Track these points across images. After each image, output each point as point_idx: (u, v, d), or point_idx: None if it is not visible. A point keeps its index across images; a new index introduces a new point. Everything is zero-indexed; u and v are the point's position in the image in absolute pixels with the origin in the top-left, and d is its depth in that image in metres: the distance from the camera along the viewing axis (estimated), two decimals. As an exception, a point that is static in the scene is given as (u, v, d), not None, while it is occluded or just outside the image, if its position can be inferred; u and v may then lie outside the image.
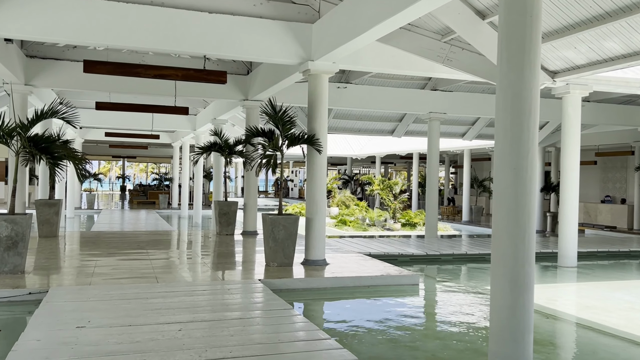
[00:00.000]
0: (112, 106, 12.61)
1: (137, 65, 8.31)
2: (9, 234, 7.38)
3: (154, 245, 11.04)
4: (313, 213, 8.95)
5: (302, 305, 7.34)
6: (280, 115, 8.63)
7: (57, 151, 7.68)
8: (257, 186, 13.58)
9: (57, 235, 12.19)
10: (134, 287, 6.84)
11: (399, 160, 40.16)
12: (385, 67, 9.65)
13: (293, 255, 8.74)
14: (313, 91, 9.03)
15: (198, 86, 12.94)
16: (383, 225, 19.73)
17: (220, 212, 13.18)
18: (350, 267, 8.89)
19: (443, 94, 14.78)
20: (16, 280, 7.09)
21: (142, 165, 61.70)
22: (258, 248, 11.19)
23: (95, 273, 7.81)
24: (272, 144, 8.67)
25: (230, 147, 13.13)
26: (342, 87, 13.85)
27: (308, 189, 9.08)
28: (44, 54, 11.99)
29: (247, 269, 8.79)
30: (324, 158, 9.02)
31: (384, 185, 21.69)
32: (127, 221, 20.51)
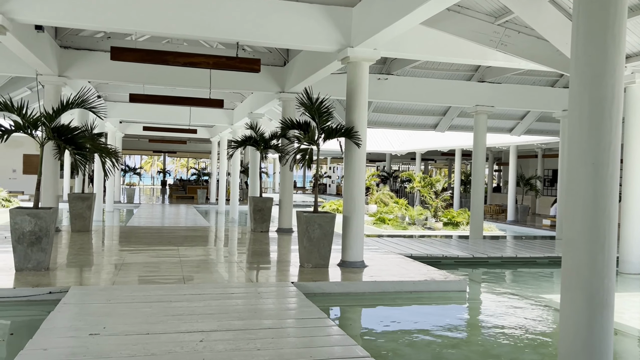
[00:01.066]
0: (146, 98, 12.29)
1: (166, 53, 7.86)
2: (33, 229, 7.04)
3: (187, 242, 10.65)
4: (351, 211, 8.34)
5: (338, 312, 6.75)
6: (316, 106, 8.04)
7: (82, 142, 7.30)
8: (292, 182, 13.06)
9: (90, 229, 11.96)
10: (159, 289, 6.39)
11: (439, 157, 39.10)
12: (430, 54, 8.93)
13: (329, 256, 8.15)
14: (352, 80, 8.40)
15: (233, 78, 12.51)
16: (424, 224, 18.93)
17: (255, 209, 12.71)
18: (390, 270, 8.24)
19: (491, 85, 13.90)
20: (39, 277, 6.75)
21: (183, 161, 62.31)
22: (293, 247, 10.65)
23: (121, 271, 7.41)
24: (308, 137, 8.09)
25: (265, 141, 12.64)
26: (383, 78, 13.17)
27: (345, 186, 8.47)
28: (77, 44, 11.75)
29: (280, 269, 8.25)
30: (363, 152, 8.38)
31: (425, 183, 20.86)
32: (164, 216, 20.37)
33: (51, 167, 11.35)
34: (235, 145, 13.18)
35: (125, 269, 7.61)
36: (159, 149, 42.24)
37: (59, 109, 7.44)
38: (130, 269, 7.60)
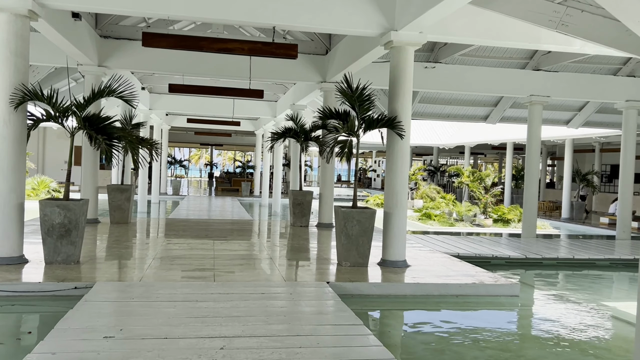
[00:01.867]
0: (185, 88, 12.07)
1: (201, 38, 7.51)
2: (62, 221, 6.85)
3: (224, 236, 10.35)
4: (392, 207, 7.79)
5: (376, 316, 6.23)
6: (357, 94, 7.51)
7: (113, 132, 7.04)
8: (333, 175, 12.58)
9: (129, 221, 11.86)
10: (186, 286, 6.05)
11: (489, 150, 37.78)
12: (481, 38, 8.23)
13: (368, 255, 7.64)
14: (396, 66, 7.83)
15: (273, 67, 12.12)
16: (472, 220, 18.11)
17: (294, 202, 12.32)
18: (435, 270, 7.66)
19: (547, 74, 12.98)
20: (67, 271, 6.54)
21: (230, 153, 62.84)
22: (333, 243, 10.18)
23: (151, 266, 7.14)
24: (347, 127, 7.58)
25: (306, 133, 12.22)
26: (430, 67, 12.48)
27: (387, 180, 7.93)
28: (117, 34, 11.62)
29: (317, 268, 7.80)
30: (406, 144, 7.81)
31: (474, 177, 19.98)
32: (206, 208, 20.31)
33: (90, 157, 11.30)
34: (275, 137, 12.81)
35: (156, 263, 7.34)
36: (205, 142, 42.64)
37: (90, 98, 7.21)
38: (162, 264, 7.33)
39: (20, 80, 6.85)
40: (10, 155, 6.82)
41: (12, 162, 6.84)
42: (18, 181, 6.91)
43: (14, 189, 6.86)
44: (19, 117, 6.88)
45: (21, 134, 6.93)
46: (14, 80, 6.78)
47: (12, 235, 6.86)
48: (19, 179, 6.92)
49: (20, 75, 6.84)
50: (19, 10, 6.80)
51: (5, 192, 6.81)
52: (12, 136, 6.83)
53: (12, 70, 6.80)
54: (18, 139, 6.89)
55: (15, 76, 6.81)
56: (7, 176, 6.81)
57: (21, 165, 6.95)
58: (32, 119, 7.06)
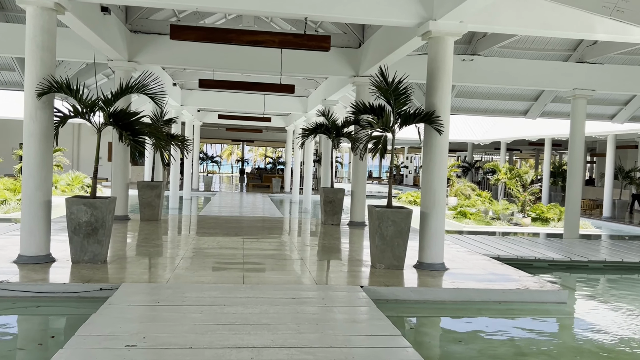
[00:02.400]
0: (215, 84, 11.86)
1: (230, 31, 7.24)
2: (89, 220, 6.68)
3: (254, 233, 10.11)
4: (430, 206, 7.39)
5: (413, 324, 5.86)
6: (392, 88, 7.13)
7: (140, 128, 6.82)
8: (365, 172, 12.21)
9: (159, 218, 11.73)
10: (214, 289, 5.79)
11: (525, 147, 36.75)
12: (526, 27, 7.72)
13: (404, 257, 7.26)
14: (434, 58, 7.41)
15: (304, 61, 11.81)
16: (509, 219, 17.48)
17: (325, 200, 12.00)
18: (475, 274, 7.23)
19: (591, 66, 12.31)
20: (93, 271, 6.36)
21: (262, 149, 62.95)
22: (365, 242, 9.83)
23: (179, 266, 6.92)
24: (382, 122, 7.20)
25: (337, 129, 11.87)
26: (468, 59, 11.97)
27: (424, 178, 7.52)
28: (148, 28, 11.47)
29: (350, 269, 7.45)
30: (445, 140, 7.39)
31: (512, 174, 19.28)
32: (237, 205, 20.19)
33: (120, 154, 11.18)
34: (306, 133, 12.50)
35: (185, 263, 7.12)
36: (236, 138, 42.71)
37: (117, 93, 7.02)
38: (190, 264, 7.10)
39: (47, 75, 6.69)
40: (37, 152, 6.69)
41: (39, 159, 6.70)
42: (44, 179, 6.77)
43: (40, 186, 6.72)
44: (45, 114, 6.74)
45: (48, 130, 6.78)
46: (40, 74, 6.64)
47: (39, 233, 6.73)
48: (45, 177, 6.78)
49: (46, 70, 6.69)
50: (45, 3, 6.65)
51: (31, 190, 6.68)
52: (39, 133, 6.69)
53: (38, 65, 6.65)
54: (45, 135, 6.74)
55: (42, 70, 6.66)
56: (33, 173, 6.68)
57: (48, 163, 6.80)
58: (58, 116, 6.90)
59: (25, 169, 6.70)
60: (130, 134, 6.74)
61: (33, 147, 6.67)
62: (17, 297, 5.60)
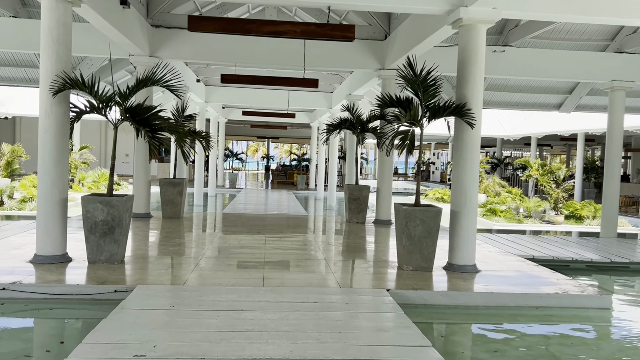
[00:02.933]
0: (237, 78, 11.59)
1: (249, 21, 6.94)
2: (105, 218, 6.47)
3: (277, 232, 9.82)
4: (461, 205, 6.98)
5: (445, 333, 5.48)
6: (421, 79, 6.73)
7: (158, 124, 6.58)
8: (392, 169, 11.81)
9: (181, 216, 11.54)
10: (232, 291, 5.51)
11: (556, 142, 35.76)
12: (565, 14, 7.22)
13: (433, 258, 6.87)
14: (465, 47, 6.98)
15: (328, 55, 11.47)
16: (541, 217, 16.86)
17: (350, 197, 11.64)
18: (509, 276, 6.80)
19: (631, 57, 11.66)
20: (109, 272, 6.15)
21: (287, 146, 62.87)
22: (391, 241, 9.46)
23: (197, 266, 6.67)
24: (409, 116, 6.81)
25: (362, 124, 11.50)
26: (500, 50, 11.45)
27: (455, 174, 7.11)
28: (169, 23, 11.26)
29: (375, 271, 7.08)
30: (477, 134, 6.97)
31: (544, 170, 18.60)
32: (262, 202, 19.99)
33: (141, 150, 11.01)
34: (330, 129, 12.16)
35: (204, 263, 6.87)
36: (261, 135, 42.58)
37: (134, 87, 6.79)
38: (209, 264, 6.85)
39: (62, 69, 6.49)
40: (52, 148, 6.50)
41: (54, 155, 6.51)
42: (60, 175, 6.58)
43: (56, 183, 6.53)
44: (61, 109, 6.54)
45: (63, 126, 6.58)
46: (56, 69, 6.44)
47: (55, 232, 6.55)
48: (61, 173, 6.59)
49: (62, 64, 6.49)
50: (60, -6, 6.44)
51: (47, 187, 6.50)
52: (54, 128, 6.49)
53: (53, 59, 6.45)
54: (60, 131, 6.55)
55: (57, 65, 6.46)
56: (49, 170, 6.49)
57: (63, 159, 6.61)
58: (74, 111, 6.70)
59: (41, 165, 6.52)
60: (149, 130, 6.49)
61: (48, 143, 6.48)
62: (30, 298, 5.40)
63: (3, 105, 23.25)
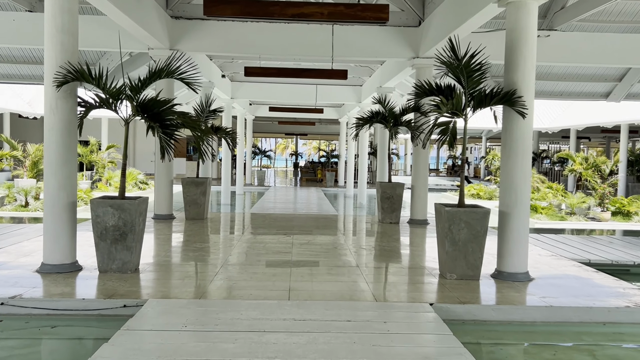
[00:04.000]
0: (261, 71, 10.98)
1: (271, 3, 6.27)
2: (116, 223, 5.91)
3: (305, 233, 9.15)
4: (511, 205, 6.18)
5: (499, 355, 4.72)
6: (464, 63, 5.96)
7: (171, 119, 5.97)
8: (427, 165, 11.02)
9: (205, 217, 10.99)
10: (253, 307, 4.86)
11: (595, 134, 34.25)
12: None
13: (480, 265, 6.11)
14: (514, 27, 6.17)
15: (358, 43, 10.74)
16: (586, 214, 15.80)
17: (382, 196, 10.89)
18: (567, 285, 5.99)
19: (689, 39, 10.63)
20: (120, 283, 5.58)
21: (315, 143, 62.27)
22: (429, 244, 8.71)
23: (217, 275, 6.05)
24: (451, 105, 6.05)
25: (395, 117, 10.74)
26: (544, 35, 10.54)
27: (504, 171, 6.32)
28: (189, 14, 10.70)
29: (414, 280, 6.33)
30: (529, 125, 6.17)
31: (588, 164, 17.52)
32: (290, 200, 19.39)
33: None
34: (360, 123, 11.42)
35: (224, 272, 6.25)
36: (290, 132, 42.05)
37: (146, 79, 6.21)
38: (231, 272, 6.23)
39: (68, 60, 5.94)
40: (59, 148, 5.96)
41: (61, 155, 5.97)
42: (69, 177, 6.04)
43: (63, 186, 5.99)
44: (68, 104, 6.00)
45: (71, 123, 6.03)
46: (60, 60, 5.89)
47: (63, 239, 6.02)
48: (69, 175, 6.05)
49: (67, 55, 5.94)
50: (64, -21, 5.89)
51: (54, 190, 5.96)
52: (60, 125, 5.95)
53: (58, 50, 5.91)
54: (67, 128, 6.00)
55: (62, 56, 5.91)
56: (55, 172, 5.96)
57: (72, 159, 6.07)
58: (83, 106, 6.15)
59: (47, 166, 5.99)
60: (160, 125, 5.89)
61: (54, 141, 5.94)
62: (31, 314, 4.87)
63: (31, 105, 23.19)
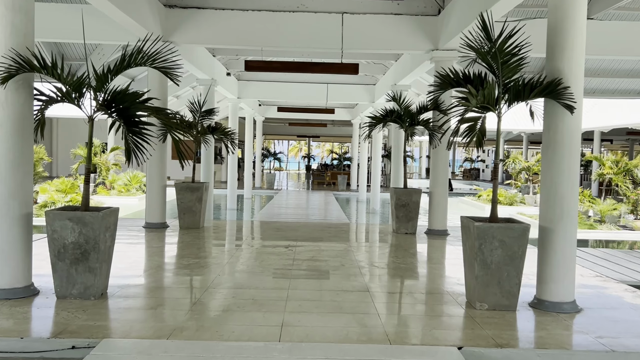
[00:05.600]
0: (264, 65, 9.97)
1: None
2: (76, 240, 4.91)
3: (309, 247, 8.09)
4: (555, 220, 5.07)
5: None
6: (499, 45, 4.87)
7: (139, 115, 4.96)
8: (447, 168, 9.92)
9: (200, 226, 9.97)
10: (235, 352, 3.81)
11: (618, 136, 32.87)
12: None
13: (517, 293, 5.01)
14: (558, 5, 5.07)
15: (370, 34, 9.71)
16: (617, 221, 14.58)
17: (397, 203, 9.80)
18: (625, 319, 4.87)
19: None
20: (77, 313, 4.57)
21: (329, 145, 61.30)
22: (451, 260, 7.62)
23: (196, 305, 5.02)
24: (482, 97, 4.96)
25: (411, 116, 9.66)
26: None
27: (545, 178, 5.21)
28: (185, 2, 9.75)
29: (436, 311, 5.20)
30: (577, 122, 5.06)
31: (618, 169, 16.25)
32: (298, 205, 18.39)
33: (157, 150, 9.51)
34: (373, 122, 10.33)
35: (206, 299, 5.22)
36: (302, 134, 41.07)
37: (116, 67, 5.20)
38: (213, 300, 5.19)
39: (24, 44, 4.96)
40: (9, 149, 4.95)
41: (12, 157, 4.97)
42: (21, 184, 5.04)
43: (14, 194, 4.99)
44: (20, 97, 5.00)
45: (24, 119, 5.03)
46: (11, 44, 4.90)
47: (15, 258, 5.01)
48: (22, 181, 5.05)
49: (19, 38, 4.94)
50: (14, -54, 4.91)
51: (3, 198, 4.97)
52: (10, 122, 4.95)
53: (8, 32, 4.91)
54: (20, 126, 5.00)
55: (13, 39, 4.92)
56: (5, 177, 4.96)
57: (26, 162, 5.07)
58: (40, 99, 5.15)
59: (-5, 172, 4.99)
60: (127, 123, 4.87)
61: (4, 141, 4.95)
62: (-44, 358, 3.88)
63: None
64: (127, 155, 4.90)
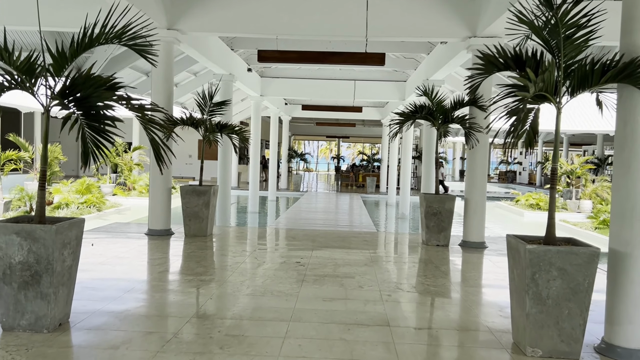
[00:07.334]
0: (279, 55, 8.95)
1: None
2: (25, 259, 3.98)
3: (326, 261, 7.04)
4: (632, 242, 3.89)
5: None
6: (561, 13, 3.73)
7: (100, 107, 3.98)
8: (486, 172, 8.72)
9: (207, 234, 9.02)
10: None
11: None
12: None
13: (581, 336, 3.85)
14: (638, -38, 3.90)
15: (398, 21, 8.60)
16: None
17: (428, 212, 8.65)
18: None
19: None
20: (20, 354, 3.64)
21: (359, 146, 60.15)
22: (491, 280, 6.46)
23: (173, 341, 4.02)
24: (541, 80, 3.81)
25: (445, 112, 8.52)
26: None
27: (618, 188, 4.03)
28: (191, -13, 8.82)
29: (474, 356, 4.08)
30: (664, 116, 3.88)
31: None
32: (322, 209, 17.38)
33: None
34: (402, 119, 9.19)
35: (187, 333, 4.22)
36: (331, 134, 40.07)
37: (79, 47, 4.24)
38: (196, 336, 4.19)
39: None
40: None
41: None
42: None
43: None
44: (-37, 83, 4.12)
45: (-33, 110, 4.15)
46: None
47: (-47, 280, 4.12)
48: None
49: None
50: None
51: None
52: (-51, 115, 4.07)
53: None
54: (-38, 119, 4.12)
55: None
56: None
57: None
58: (-13, 87, 4.25)
59: None
60: (84, 116, 3.91)
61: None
62: None
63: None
64: (84, 159, 3.91)
